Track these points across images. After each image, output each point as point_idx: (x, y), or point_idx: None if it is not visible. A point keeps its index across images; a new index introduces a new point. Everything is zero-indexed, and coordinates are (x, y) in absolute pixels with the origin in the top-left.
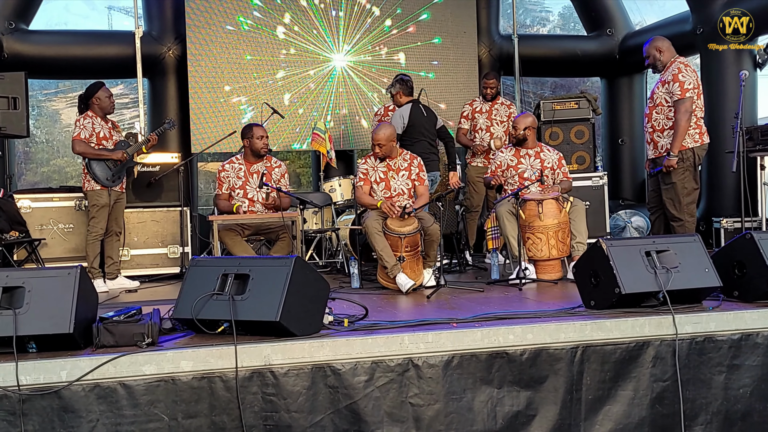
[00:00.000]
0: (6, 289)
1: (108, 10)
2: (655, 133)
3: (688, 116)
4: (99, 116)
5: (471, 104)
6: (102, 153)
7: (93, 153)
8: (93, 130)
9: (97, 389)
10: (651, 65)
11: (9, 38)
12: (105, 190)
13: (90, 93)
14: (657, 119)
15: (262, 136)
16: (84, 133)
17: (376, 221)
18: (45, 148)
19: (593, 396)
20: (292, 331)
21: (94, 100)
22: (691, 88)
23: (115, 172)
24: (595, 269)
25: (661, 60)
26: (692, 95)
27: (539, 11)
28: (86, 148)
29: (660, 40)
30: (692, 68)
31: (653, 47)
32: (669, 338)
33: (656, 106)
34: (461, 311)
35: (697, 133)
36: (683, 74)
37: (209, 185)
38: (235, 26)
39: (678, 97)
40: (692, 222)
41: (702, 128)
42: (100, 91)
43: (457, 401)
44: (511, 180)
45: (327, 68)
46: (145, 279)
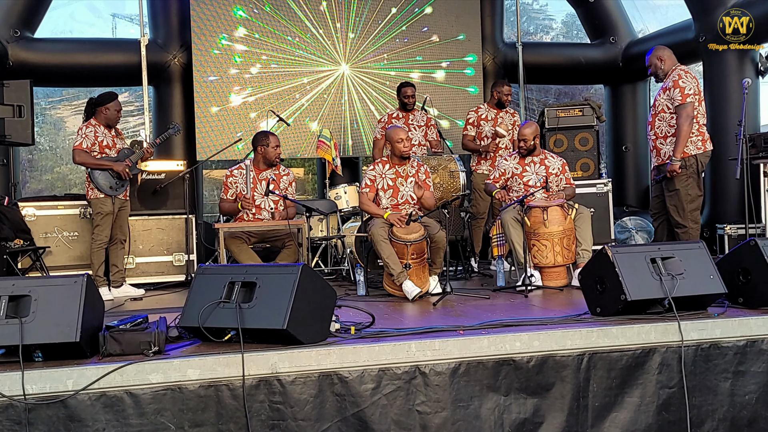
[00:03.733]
0: (12, 297)
1: (112, 17)
2: (658, 140)
3: (690, 121)
4: (102, 124)
5: (476, 111)
6: (103, 163)
7: (93, 163)
8: (95, 138)
9: (103, 398)
10: (653, 74)
11: (14, 46)
12: (108, 198)
13: (101, 101)
14: (659, 126)
15: (277, 145)
16: (85, 142)
17: (382, 228)
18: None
19: (600, 403)
20: (299, 338)
21: (103, 109)
22: (691, 93)
23: (118, 180)
24: (601, 276)
25: (662, 68)
26: (693, 100)
27: (542, 19)
28: (86, 158)
29: (662, 49)
30: (693, 75)
31: (655, 56)
32: (675, 345)
33: (658, 114)
34: (467, 318)
35: (700, 140)
36: (683, 80)
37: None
38: (240, 34)
39: (679, 102)
40: (696, 228)
41: (704, 135)
42: (112, 102)
43: (464, 409)
44: (516, 187)
45: (333, 76)
46: (151, 287)
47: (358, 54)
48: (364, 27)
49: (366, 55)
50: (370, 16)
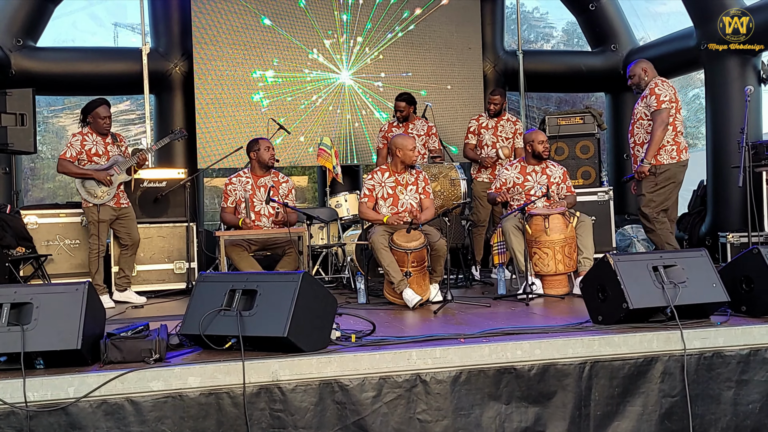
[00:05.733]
0: (14, 305)
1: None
2: (636, 147)
3: (664, 127)
4: (95, 132)
5: (477, 119)
6: (85, 171)
7: (75, 172)
8: (82, 147)
9: (104, 405)
10: (635, 84)
11: (17, 55)
12: (96, 207)
13: (88, 108)
14: (638, 133)
15: (268, 147)
16: (70, 151)
17: (383, 236)
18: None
19: (602, 412)
20: (299, 346)
21: (90, 116)
22: (666, 100)
23: (105, 189)
24: (603, 284)
25: (645, 80)
26: (668, 107)
27: (543, 27)
28: (67, 167)
29: (645, 62)
30: (669, 84)
31: (639, 67)
32: (677, 353)
33: (636, 122)
34: (468, 326)
35: (675, 149)
36: (659, 88)
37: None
38: (241, 43)
39: (654, 108)
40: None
41: (681, 145)
42: (98, 108)
43: (465, 417)
44: (517, 196)
45: (333, 84)
46: (152, 295)
47: (359, 62)
48: (365, 35)
49: (366, 63)
50: (371, 25)
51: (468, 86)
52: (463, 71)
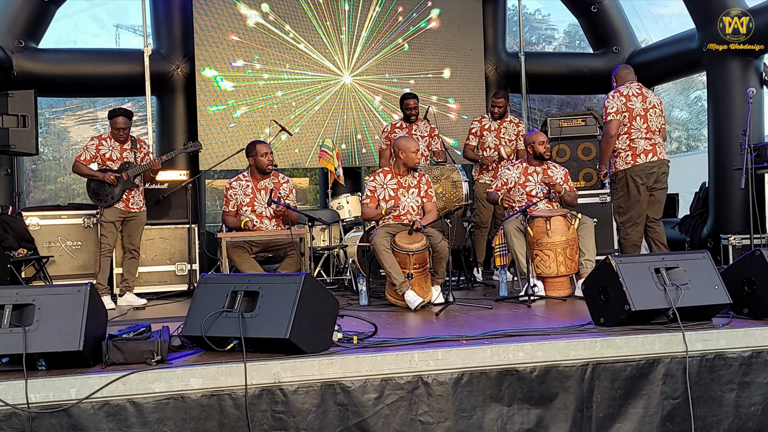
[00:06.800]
0: (16, 306)
1: (116, 28)
2: None
3: (607, 138)
4: (113, 137)
5: (480, 121)
6: (95, 174)
7: (85, 173)
8: (97, 151)
9: (106, 407)
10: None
11: (19, 57)
12: (106, 208)
13: (110, 115)
14: None
15: (266, 153)
16: (85, 155)
17: (385, 238)
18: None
19: (604, 414)
20: (301, 348)
21: (111, 122)
22: (613, 112)
23: (110, 191)
24: (605, 286)
25: (614, 87)
26: (615, 118)
27: (545, 29)
28: (79, 168)
29: (621, 68)
30: (621, 94)
31: (613, 74)
32: (679, 355)
33: None
34: (470, 328)
35: (630, 155)
36: (608, 100)
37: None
38: (242, 44)
39: (603, 121)
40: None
41: (637, 149)
42: (117, 117)
43: (467, 419)
44: (518, 197)
45: (336, 86)
46: (153, 296)
47: (361, 64)
48: (367, 37)
49: (368, 65)
50: (373, 27)
51: (470, 88)
52: (465, 73)
